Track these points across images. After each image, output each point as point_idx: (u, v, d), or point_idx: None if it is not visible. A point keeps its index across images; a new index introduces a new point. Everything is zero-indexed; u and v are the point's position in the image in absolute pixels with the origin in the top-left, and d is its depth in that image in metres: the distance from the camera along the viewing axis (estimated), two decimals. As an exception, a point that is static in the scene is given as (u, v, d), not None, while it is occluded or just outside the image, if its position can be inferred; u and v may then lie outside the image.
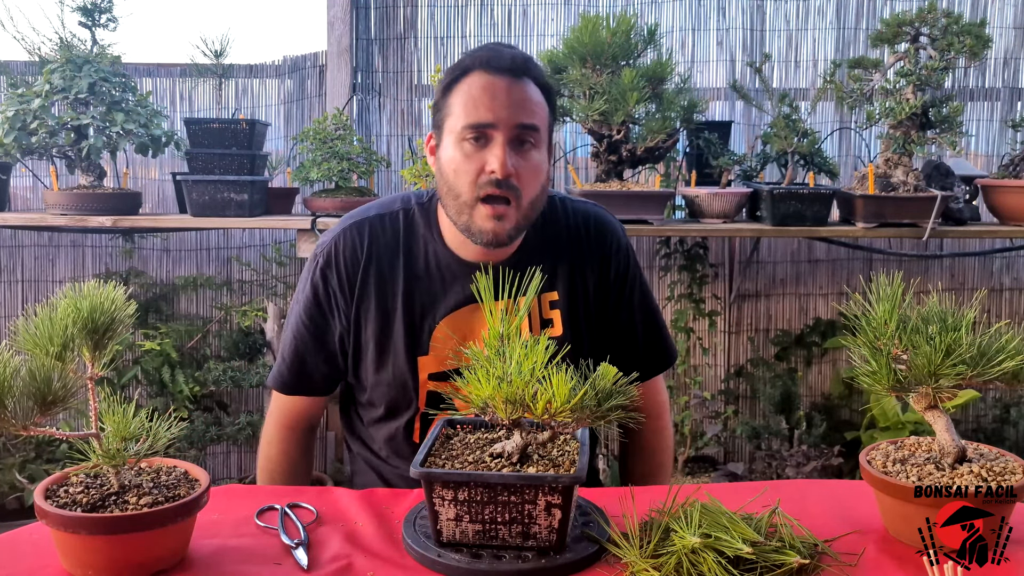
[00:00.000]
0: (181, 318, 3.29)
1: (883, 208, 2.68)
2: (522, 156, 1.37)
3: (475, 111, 1.35)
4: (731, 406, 3.36)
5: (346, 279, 1.48)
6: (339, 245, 1.50)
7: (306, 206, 2.87)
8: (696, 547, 1.04)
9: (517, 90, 1.36)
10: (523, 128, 1.36)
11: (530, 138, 1.38)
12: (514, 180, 1.36)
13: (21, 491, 2.85)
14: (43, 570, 1.08)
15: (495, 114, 1.34)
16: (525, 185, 1.37)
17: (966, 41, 2.56)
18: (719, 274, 3.38)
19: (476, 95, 1.35)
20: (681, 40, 3.31)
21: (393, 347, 1.49)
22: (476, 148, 1.36)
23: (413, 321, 1.47)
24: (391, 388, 1.51)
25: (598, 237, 1.55)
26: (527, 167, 1.37)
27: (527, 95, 1.38)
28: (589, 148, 2.88)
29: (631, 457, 1.73)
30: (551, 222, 1.53)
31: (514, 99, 1.35)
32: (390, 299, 1.48)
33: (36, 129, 2.63)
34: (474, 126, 1.35)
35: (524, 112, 1.36)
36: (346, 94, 3.19)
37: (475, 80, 1.36)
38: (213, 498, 1.20)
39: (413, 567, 1.12)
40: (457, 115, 1.37)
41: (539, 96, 1.40)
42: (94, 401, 1.09)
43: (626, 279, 1.60)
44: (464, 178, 1.36)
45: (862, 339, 1.16)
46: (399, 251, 1.49)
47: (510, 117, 1.34)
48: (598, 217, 1.58)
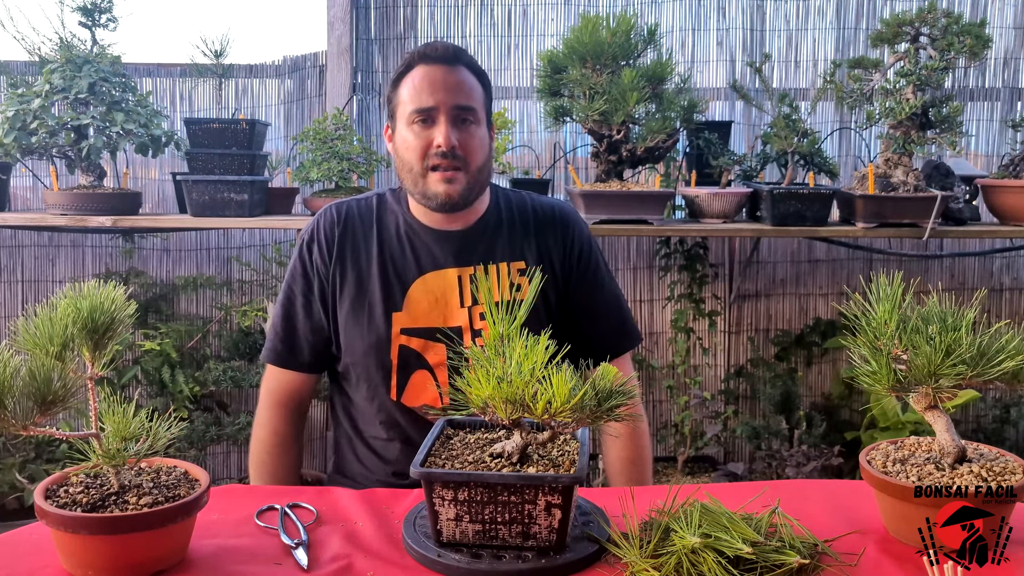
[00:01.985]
0: (181, 318, 3.29)
1: (883, 208, 2.68)
2: (464, 131, 1.58)
3: (419, 97, 1.57)
4: (731, 406, 3.36)
5: (325, 248, 1.68)
6: (320, 222, 1.71)
7: (306, 206, 2.87)
8: (696, 547, 1.04)
9: (453, 76, 1.58)
10: (461, 109, 1.58)
11: (469, 116, 1.59)
12: (459, 151, 1.57)
13: (21, 491, 2.86)
14: (43, 570, 1.08)
15: (436, 98, 1.56)
16: (469, 154, 1.59)
17: (966, 41, 2.56)
18: (719, 274, 3.38)
19: (419, 84, 1.57)
20: (681, 40, 3.32)
21: (369, 305, 1.65)
22: (424, 128, 1.57)
23: (388, 281, 1.66)
24: (367, 343, 1.65)
25: (563, 221, 1.74)
26: (469, 140, 1.59)
27: (462, 79, 1.59)
28: (589, 148, 2.88)
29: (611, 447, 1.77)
30: (519, 205, 1.74)
31: (451, 84, 1.57)
32: (365, 264, 1.67)
33: (36, 129, 2.63)
34: (419, 110, 1.56)
35: (461, 95, 1.58)
36: (346, 94, 3.19)
37: (417, 72, 1.58)
38: (213, 498, 1.20)
39: (413, 567, 1.12)
40: (405, 103, 1.59)
41: (473, 80, 1.61)
42: (94, 401, 1.09)
43: (589, 261, 1.76)
44: (415, 153, 1.58)
45: (862, 339, 1.16)
46: (372, 224, 1.69)
47: (449, 100, 1.56)
48: (564, 207, 1.78)
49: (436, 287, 1.65)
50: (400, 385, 1.66)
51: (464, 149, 1.58)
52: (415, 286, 1.65)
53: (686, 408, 3.22)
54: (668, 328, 3.38)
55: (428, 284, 1.65)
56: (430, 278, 1.66)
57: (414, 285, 1.65)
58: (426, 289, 1.65)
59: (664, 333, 3.41)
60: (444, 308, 1.65)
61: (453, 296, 1.65)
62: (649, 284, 3.41)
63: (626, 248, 3.39)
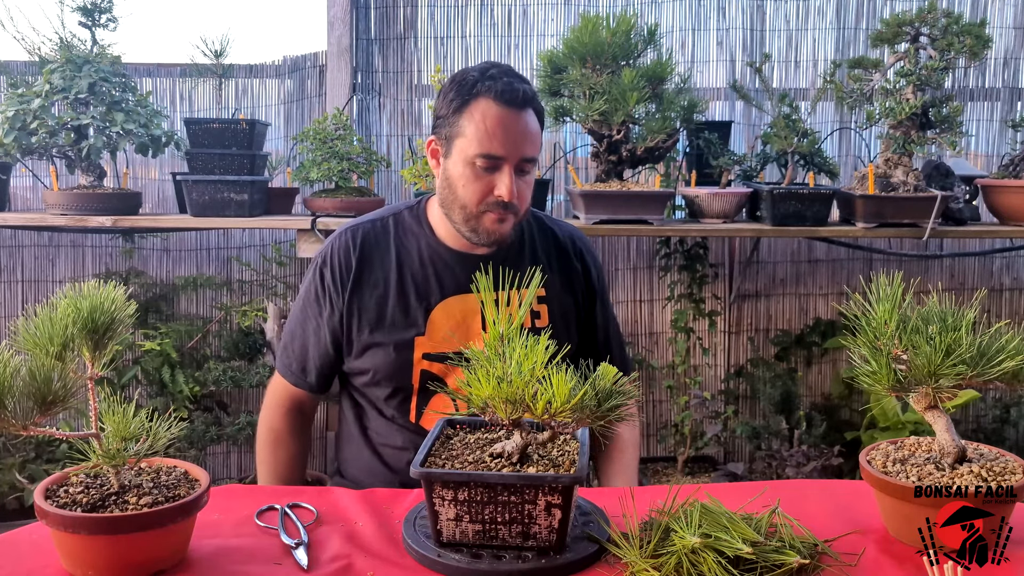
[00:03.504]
0: (181, 318, 3.29)
1: (883, 208, 2.68)
2: (523, 180, 1.59)
3: (488, 143, 1.53)
4: (731, 406, 3.36)
5: (339, 275, 1.66)
6: (334, 246, 1.68)
7: (306, 206, 2.86)
8: (696, 547, 1.04)
9: (523, 124, 1.55)
10: (526, 160, 1.57)
11: (529, 167, 1.59)
12: (515, 200, 1.57)
13: (21, 491, 2.85)
14: (43, 570, 1.08)
15: (506, 149, 1.54)
16: (522, 200, 1.60)
17: (966, 41, 2.56)
18: (719, 274, 3.38)
19: (490, 128, 1.53)
20: (681, 40, 3.31)
21: (390, 329, 1.64)
22: (486, 172, 1.55)
23: (408, 304, 1.64)
24: (388, 367, 1.64)
25: (584, 250, 1.79)
26: (525, 187, 1.60)
27: (529, 129, 1.57)
28: (589, 148, 2.88)
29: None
30: (541, 229, 1.76)
31: (520, 134, 1.55)
32: (383, 288, 1.65)
33: (36, 129, 2.63)
34: (487, 156, 1.54)
35: (528, 146, 1.57)
36: (346, 94, 3.19)
37: (489, 110, 1.53)
38: (213, 498, 1.20)
39: (413, 567, 1.12)
40: (470, 139, 1.54)
41: (537, 126, 1.60)
42: (94, 401, 1.09)
43: (600, 292, 1.81)
44: (474, 196, 1.56)
45: (862, 339, 1.16)
46: (391, 247, 1.67)
47: (517, 151, 1.55)
48: (582, 234, 1.82)
49: (459, 311, 1.64)
50: (419, 408, 1.66)
51: (518, 196, 1.58)
52: (437, 310, 1.64)
53: (686, 408, 3.22)
54: (668, 328, 3.38)
55: (451, 308, 1.65)
56: (452, 302, 1.65)
57: (436, 309, 1.64)
58: (448, 313, 1.64)
59: (664, 333, 3.41)
60: (467, 332, 1.64)
61: (475, 321, 1.64)
62: (649, 284, 3.41)
63: (626, 248, 3.39)
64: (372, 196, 2.85)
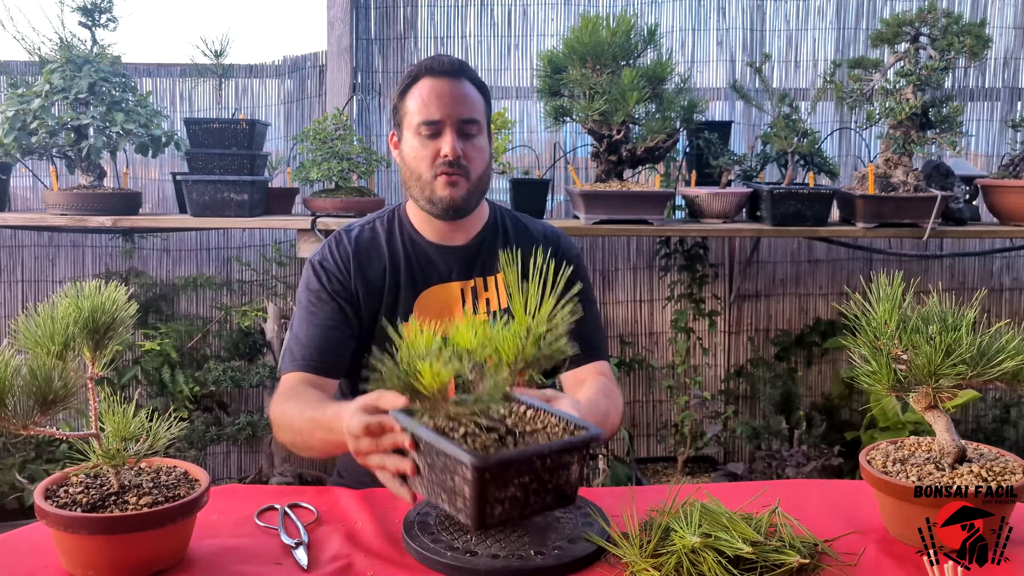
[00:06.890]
0: (181, 318, 3.29)
1: (883, 208, 2.68)
2: (467, 142, 1.67)
3: (427, 110, 1.65)
4: (731, 406, 3.36)
5: (339, 269, 1.73)
6: (330, 246, 1.77)
7: (306, 206, 2.86)
8: (696, 547, 1.04)
9: (458, 90, 1.67)
10: (465, 122, 1.66)
11: (472, 129, 1.68)
12: (463, 160, 1.66)
13: (21, 491, 2.85)
14: (43, 570, 1.08)
15: (443, 112, 1.64)
16: (472, 162, 1.67)
17: (966, 41, 2.56)
18: (719, 274, 3.38)
19: (426, 97, 1.66)
20: (681, 40, 3.31)
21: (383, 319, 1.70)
22: (431, 139, 1.66)
23: (397, 296, 1.72)
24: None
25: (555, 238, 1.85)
26: (472, 150, 1.67)
27: (466, 93, 1.68)
28: (589, 148, 2.88)
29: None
30: (514, 222, 1.83)
31: (456, 98, 1.66)
32: (376, 281, 1.72)
33: (36, 129, 2.63)
34: (427, 122, 1.65)
35: (465, 108, 1.66)
36: (346, 94, 3.19)
37: (424, 85, 1.67)
38: (213, 498, 1.20)
39: (413, 567, 1.12)
40: (412, 114, 1.67)
41: (476, 93, 1.70)
42: (94, 401, 1.09)
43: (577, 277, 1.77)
44: (424, 162, 1.66)
45: (862, 339, 1.16)
46: (382, 244, 1.75)
47: (454, 113, 1.65)
48: (559, 231, 1.89)
49: (441, 299, 1.72)
50: None
51: (467, 158, 1.66)
52: (421, 299, 1.71)
53: (686, 408, 3.22)
54: (668, 328, 3.38)
55: (433, 297, 1.72)
56: (435, 291, 1.72)
57: (420, 298, 1.71)
58: (431, 302, 1.71)
59: (664, 333, 3.41)
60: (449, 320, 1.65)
61: (457, 308, 1.70)
62: (649, 284, 3.41)
63: (626, 248, 3.39)
64: (372, 196, 2.85)
